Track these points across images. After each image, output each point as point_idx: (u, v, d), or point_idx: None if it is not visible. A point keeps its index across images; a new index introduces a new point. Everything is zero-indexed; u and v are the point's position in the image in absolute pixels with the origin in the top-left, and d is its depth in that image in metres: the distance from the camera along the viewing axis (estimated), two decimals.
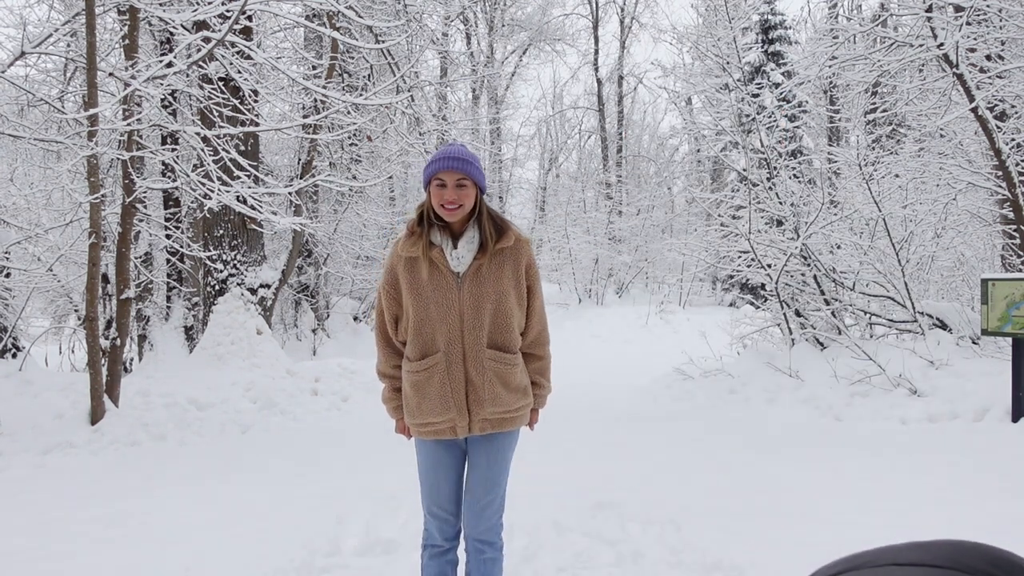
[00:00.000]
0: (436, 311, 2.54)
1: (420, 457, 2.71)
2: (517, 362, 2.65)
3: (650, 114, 33.85)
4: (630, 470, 5.74)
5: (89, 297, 7.43)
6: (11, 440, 6.94)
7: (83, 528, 4.68)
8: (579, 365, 13.85)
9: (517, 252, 2.61)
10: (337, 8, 8.73)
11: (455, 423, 2.59)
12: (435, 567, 2.74)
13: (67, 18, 8.52)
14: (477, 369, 2.56)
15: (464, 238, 2.55)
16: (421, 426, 2.62)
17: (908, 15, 9.31)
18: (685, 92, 20.89)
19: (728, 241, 10.49)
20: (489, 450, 2.66)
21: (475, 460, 2.67)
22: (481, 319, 2.56)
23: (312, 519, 4.49)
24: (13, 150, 10.09)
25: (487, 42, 26.98)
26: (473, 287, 2.55)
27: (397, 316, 2.65)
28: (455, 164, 2.47)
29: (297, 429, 8.24)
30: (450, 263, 2.54)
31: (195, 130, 8.84)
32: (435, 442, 2.65)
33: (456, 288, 2.55)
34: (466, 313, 2.55)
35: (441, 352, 2.56)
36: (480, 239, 2.56)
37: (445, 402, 2.56)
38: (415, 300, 2.56)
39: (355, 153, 15.13)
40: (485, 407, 2.58)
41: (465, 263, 2.54)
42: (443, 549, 2.73)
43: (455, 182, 2.48)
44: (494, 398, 2.58)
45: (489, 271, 2.56)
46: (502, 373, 2.59)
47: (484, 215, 2.57)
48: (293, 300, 15.44)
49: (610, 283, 21.94)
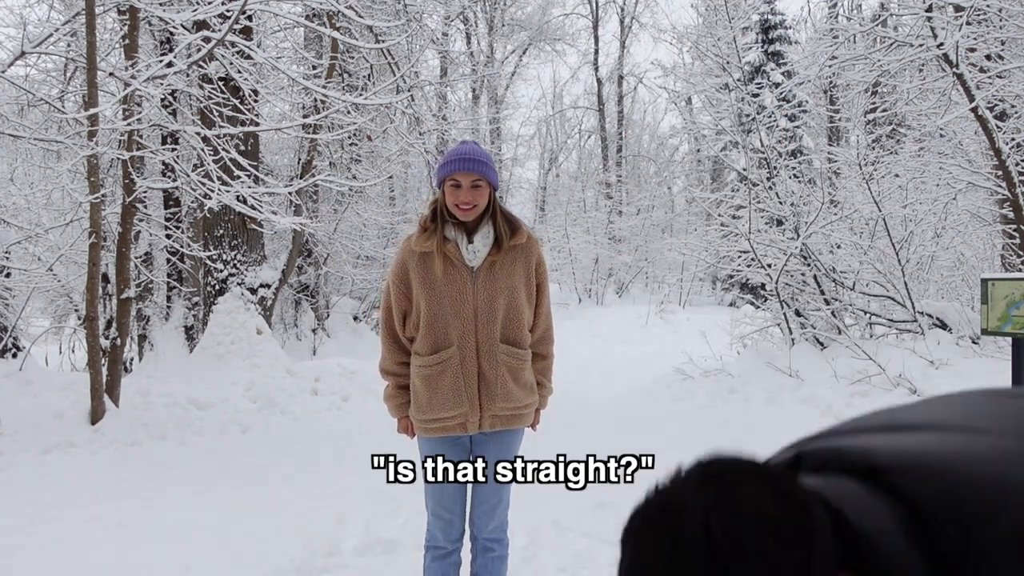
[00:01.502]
0: (450, 305, 2.55)
1: (424, 457, 2.68)
2: (528, 358, 2.67)
3: (650, 114, 33.88)
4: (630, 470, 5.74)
5: (89, 297, 7.43)
6: (11, 440, 6.94)
7: (83, 528, 4.68)
8: (579, 365, 13.85)
9: (528, 250, 2.64)
10: (337, 8, 8.73)
11: (466, 418, 2.58)
12: (438, 569, 2.70)
13: (67, 18, 8.52)
14: (490, 363, 2.57)
15: (480, 233, 2.56)
16: (430, 422, 2.60)
17: (908, 15, 9.31)
18: (685, 92, 20.90)
19: (728, 241, 10.50)
20: (498, 448, 2.66)
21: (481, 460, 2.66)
22: (495, 313, 2.57)
23: (312, 519, 4.49)
24: (13, 150, 10.08)
25: (487, 42, 26.98)
26: (487, 281, 2.56)
27: (406, 311, 2.64)
28: (471, 166, 2.48)
29: (297, 429, 8.24)
30: (465, 257, 2.55)
31: (195, 130, 8.84)
32: (440, 440, 2.63)
33: (470, 282, 2.56)
34: (480, 307, 2.56)
35: (455, 346, 2.56)
36: (495, 235, 2.57)
37: (457, 396, 2.55)
38: (428, 295, 2.56)
39: (355, 153, 15.13)
40: (497, 402, 2.59)
41: (480, 258, 2.56)
42: (447, 551, 2.70)
43: (471, 183, 2.49)
44: (506, 393, 2.59)
45: (502, 267, 2.58)
46: (514, 368, 2.61)
47: (498, 212, 2.59)
48: (293, 300, 15.44)
49: (610, 283, 21.94)
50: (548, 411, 2.98)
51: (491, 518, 2.68)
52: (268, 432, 8.06)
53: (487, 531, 2.68)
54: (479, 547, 2.72)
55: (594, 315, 19.02)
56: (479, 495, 2.67)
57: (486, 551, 2.72)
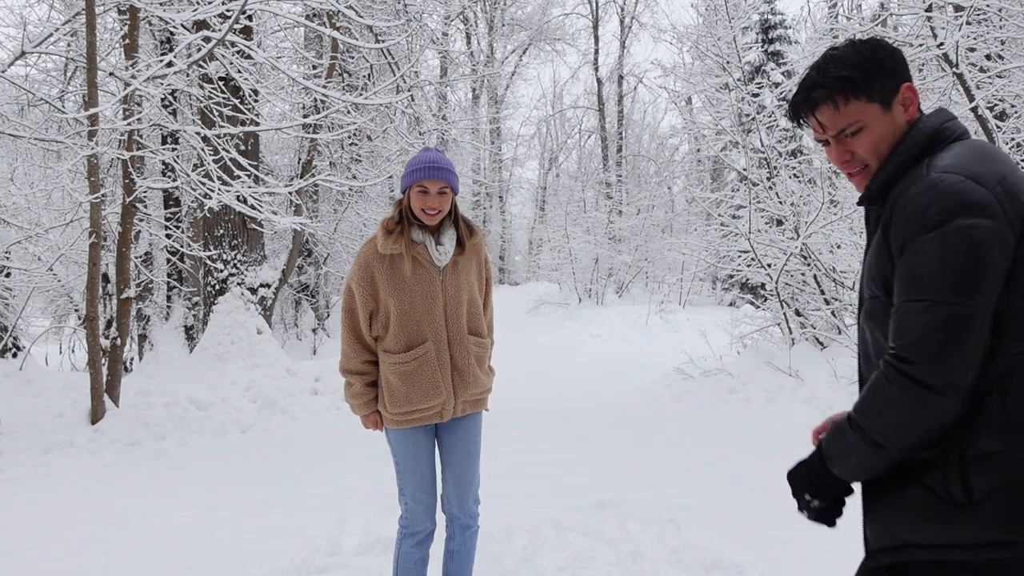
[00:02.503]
0: (421, 303, 2.73)
1: (401, 447, 2.82)
2: (487, 345, 2.93)
3: (650, 114, 33.85)
4: (630, 470, 5.74)
5: (89, 297, 7.43)
6: (11, 440, 6.95)
7: (83, 527, 4.69)
8: (579, 365, 13.85)
9: (479, 248, 2.90)
10: (337, 8, 8.73)
11: (444, 407, 2.77)
12: (417, 554, 2.84)
13: (67, 18, 8.52)
14: (461, 354, 2.79)
15: (446, 235, 2.78)
16: (408, 414, 2.76)
17: (908, 15, 9.31)
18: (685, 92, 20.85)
19: (728, 241, 10.50)
20: (467, 430, 2.87)
21: (452, 441, 2.86)
22: (461, 308, 2.80)
23: (312, 519, 4.49)
24: (13, 150, 10.09)
25: (487, 42, 26.99)
26: (452, 279, 2.78)
27: (372, 312, 2.78)
28: (439, 174, 2.68)
29: (297, 429, 8.24)
30: (434, 257, 2.75)
31: (195, 130, 8.84)
32: (415, 430, 2.80)
33: (439, 281, 2.76)
34: (449, 303, 2.77)
35: (429, 341, 2.74)
36: (458, 236, 2.80)
37: (436, 387, 2.74)
38: (398, 295, 2.72)
39: (355, 153, 15.13)
40: (469, 389, 2.81)
41: (447, 258, 2.77)
42: (426, 533, 2.84)
43: (438, 190, 2.69)
44: (475, 380, 2.82)
45: (463, 265, 2.82)
46: (480, 356, 2.86)
47: (459, 216, 2.82)
48: (293, 300, 15.45)
49: (610, 283, 21.92)
50: (547, 410, 3.02)
51: (467, 497, 2.87)
52: (268, 432, 8.06)
53: (466, 507, 2.88)
54: (457, 525, 2.89)
55: (594, 315, 19.01)
56: (455, 475, 2.85)
57: (465, 528, 2.90)
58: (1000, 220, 1.36)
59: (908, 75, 1.57)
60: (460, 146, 19.15)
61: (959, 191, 1.37)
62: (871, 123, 1.54)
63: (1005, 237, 1.36)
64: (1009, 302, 1.36)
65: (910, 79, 1.57)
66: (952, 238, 1.35)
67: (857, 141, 1.55)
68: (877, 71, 1.53)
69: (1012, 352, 1.36)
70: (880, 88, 1.53)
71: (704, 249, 11.90)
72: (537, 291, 22.70)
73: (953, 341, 1.33)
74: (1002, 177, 1.41)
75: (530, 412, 8.46)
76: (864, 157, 1.56)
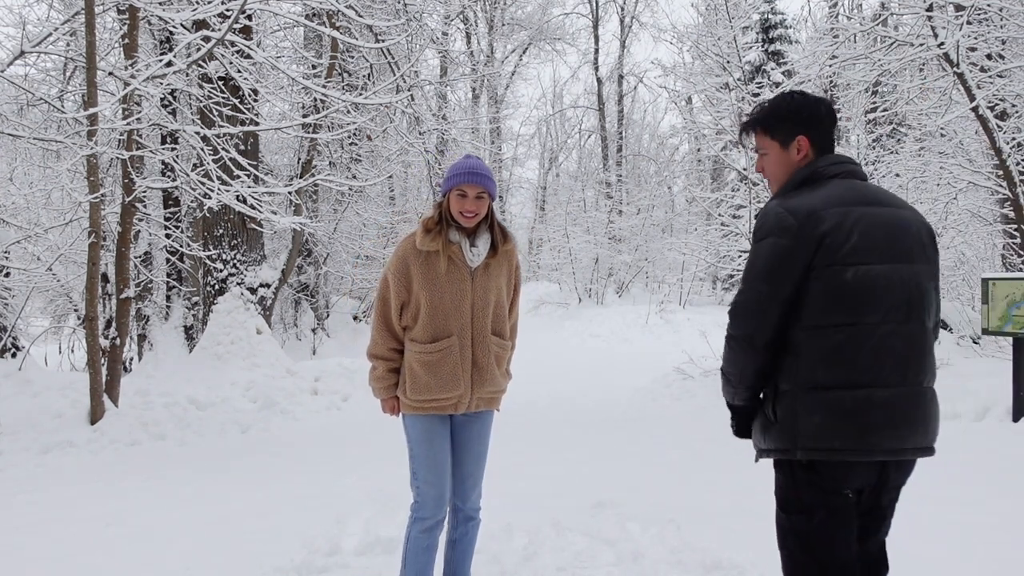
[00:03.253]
0: (451, 300, 2.89)
1: (416, 432, 2.96)
2: (508, 347, 3.09)
3: (650, 113, 33.81)
4: (630, 470, 5.74)
5: (89, 297, 7.42)
6: (11, 440, 6.94)
7: (83, 528, 4.68)
8: (579, 365, 13.84)
9: (512, 255, 3.05)
10: (337, 7, 8.72)
11: (460, 399, 2.92)
12: (426, 540, 2.93)
13: (66, 17, 8.51)
14: (483, 352, 2.94)
15: (481, 239, 2.94)
16: (427, 402, 2.91)
17: (908, 14, 9.31)
18: (685, 91, 20.82)
19: (728, 240, 10.49)
20: (480, 427, 3.05)
21: (465, 437, 3.02)
22: (487, 308, 2.95)
23: (312, 519, 4.49)
24: (13, 150, 10.08)
25: (487, 41, 26.98)
26: (483, 280, 2.94)
27: (404, 302, 2.93)
28: (478, 179, 2.84)
29: (297, 429, 8.24)
30: (467, 258, 2.90)
31: (195, 129, 8.83)
32: (431, 417, 2.94)
33: (470, 280, 2.91)
34: (476, 303, 2.92)
35: (454, 336, 2.89)
36: (492, 241, 2.96)
37: (455, 380, 2.89)
38: (430, 289, 2.87)
39: (355, 152, 15.12)
40: (485, 386, 2.96)
41: (479, 259, 2.92)
42: (436, 520, 2.95)
43: (476, 195, 2.85)
44: (492, 378, 2.97)
45: (494, 268, 2.97)
46: (500, 356, 3.01)
47: (494, 221, 2.98)
48: (293, 300, 15.43)
49: (610, 283, 21.91)
50: (547, 410, 3.06)
51: (474, 491, 3.05)
52: (268, 432, 8.05)
53: (471, 501, 3.05)
54: (462, 517, 3.07)
55: (594, 315, 19.00)
56: (464, 469, 3.02)
57: (468, 520, 3.08)
58: (797, 240, 2.05)
59: (809, 128, 2.23)
60: (460, 146, 19.12)
61: (775, 217, 2.09)
62: (772, 153, 2.28)
63: (797, 251, 2.05)
64: (803, 293, 2.06)
65: (807, 132, 2.23)
66: (764, 248, 2.10)
67: (764, 162, 2.31)
68: (781, 120, 2.25)
69: (803, 327, 2.06)
70: (781, 132, 2.25)
71: (704, 249, 11.89)
72: (537, 291, 22.68)
73: (752, 312, 2.10)
74: (814, 211, 2.06)
75: (530, 412, 8.45)
76: (768, 175, 2.31)
